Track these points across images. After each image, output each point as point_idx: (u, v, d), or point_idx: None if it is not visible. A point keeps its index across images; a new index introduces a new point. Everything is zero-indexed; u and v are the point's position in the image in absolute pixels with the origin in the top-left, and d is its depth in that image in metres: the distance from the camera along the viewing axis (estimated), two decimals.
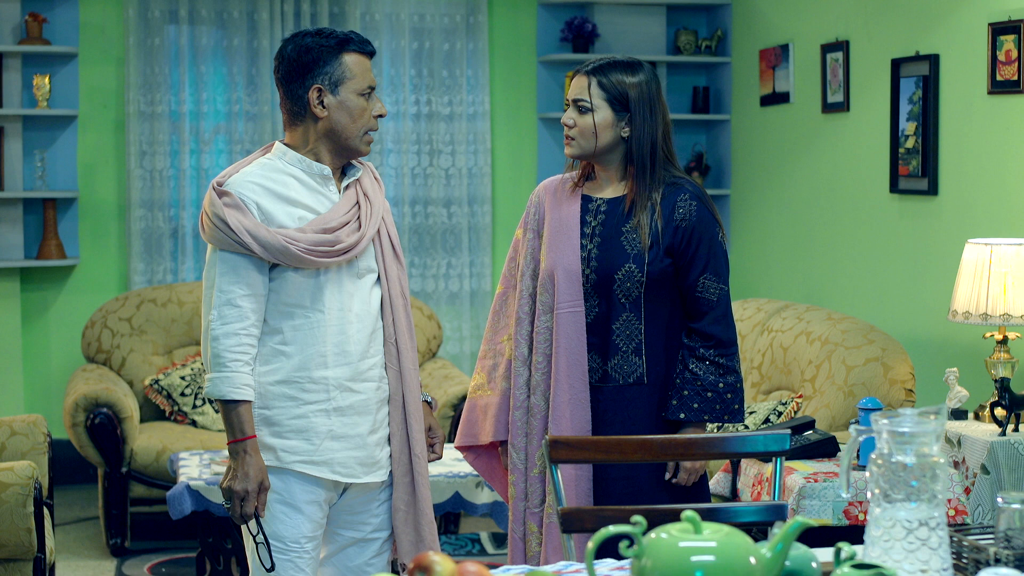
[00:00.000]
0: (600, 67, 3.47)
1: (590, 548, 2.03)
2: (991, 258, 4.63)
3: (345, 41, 3.22)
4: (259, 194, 3.17)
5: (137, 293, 6.56)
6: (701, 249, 3.44)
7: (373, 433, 3.29)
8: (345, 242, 3.19)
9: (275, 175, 3.22)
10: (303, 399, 3.21)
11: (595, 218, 3.50)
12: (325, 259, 3.17)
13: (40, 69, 6.73)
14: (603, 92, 3.45)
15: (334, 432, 3.23)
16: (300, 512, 3.22)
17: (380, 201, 3.33)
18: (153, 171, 6.90)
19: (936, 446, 2.12)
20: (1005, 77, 5.05)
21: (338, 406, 3.23)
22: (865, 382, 5.05)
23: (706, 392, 3.42)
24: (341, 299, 3.23)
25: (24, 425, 4.70)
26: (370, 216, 3.27)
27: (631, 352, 3.45)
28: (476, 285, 7.35)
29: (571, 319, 3.45)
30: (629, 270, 3.42)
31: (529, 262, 3.59)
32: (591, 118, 3.45)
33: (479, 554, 5.79)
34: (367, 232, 3.25)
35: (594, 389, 3.47)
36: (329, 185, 3.27)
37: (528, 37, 7.42)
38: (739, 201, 7.30)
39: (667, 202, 3.43)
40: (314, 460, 3.22)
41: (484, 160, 7.33)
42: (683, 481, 3.46)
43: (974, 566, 2.35)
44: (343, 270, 3.24)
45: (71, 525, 6.27)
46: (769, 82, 6.89)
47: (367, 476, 3.29)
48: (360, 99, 3.23)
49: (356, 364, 3.25)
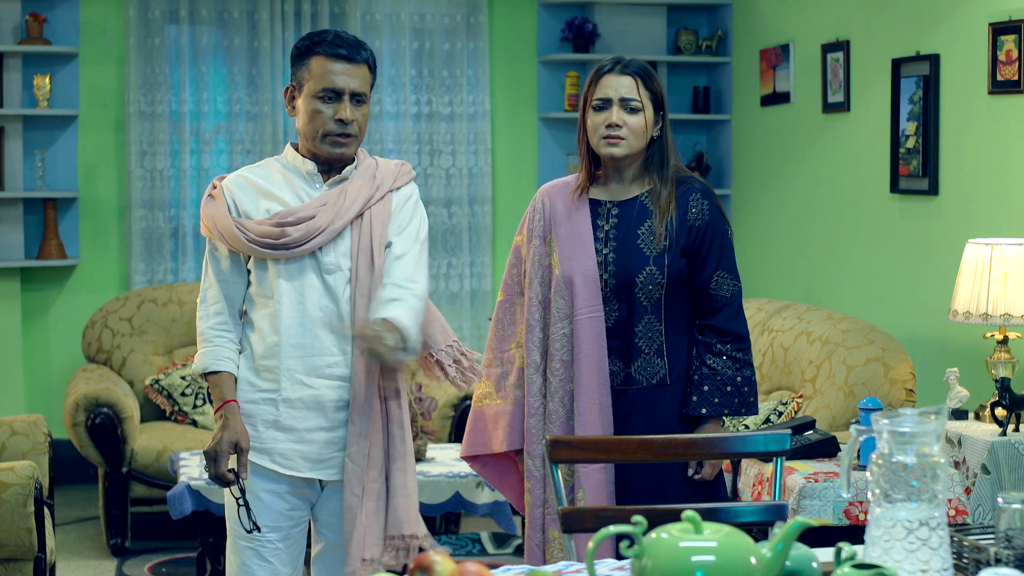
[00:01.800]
0: (643, 68, 3.51)
1: (590, 548, 2.03)
2: (991, 258, 4.63)
3: (317, 43, 3.26)
4: (240, 187, 3.31)
5: (137, 293, 6.55)
6: (714, 246, 3.47)
7: (326, 431, 3.28)
8: (291, 236, 3.21)
9: (266, 171, 3.35)
10: (257, 386, 3.29)
11: (607, 222, 3.51)
12: (270, 251, 3.23)
13: (40, 69, 6.73)
14: (649, 93, 3.49)
15: (279, 423, 3.27)
16: (259, 500, 3.27)
17: (359, 203, 3.27)
18: (153, 171, 6.90)
19: (937, 446, 2.12)
20: (1005, 77, 5.05)
21: (287, 397, 3.26)
22: (865, 382, 5.05)
23: (725, 387, 3.46)
24: (300, 292, 3.25)
25: (24, 425, 4.70)
26: (339, 216, 3.25)
27: (653, 353, 3.47)
28: (476, 285, 7.35)
29: (591, 324, 3.46)
30: (650, 272, 3.44)
31: (537, 269, 3.57)
32: (642, 117, 3.47)
33: (479, 554, 5.79)
34: (324, 229, 3.23)
35: (617, 392, 3.48)
36: (315, 183, 3.32)
37: (528, 37, 7.42)
38: (740, 201, 7.30)
39: (680, 201, 3.46)
40: (255, 447, 3.28)
41: (484, 160, 7.32)
42: (707, 476, 3.49)
43: (974, 566, 2.35)
44: (306, 265, 3.26)
45: (71, 525, 6.27)
46: (769, 82, 6.89)
47: (310, 472, 3.29)
48: (315, 101, 3.25)
49: (311, 359, 3.25)
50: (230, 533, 3.33)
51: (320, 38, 3.27)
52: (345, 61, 3.24)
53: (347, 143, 3.27)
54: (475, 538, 6.00)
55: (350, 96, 3.25)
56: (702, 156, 7.47)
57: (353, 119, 3.25)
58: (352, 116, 3.25)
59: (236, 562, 3.32)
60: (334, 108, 3.24)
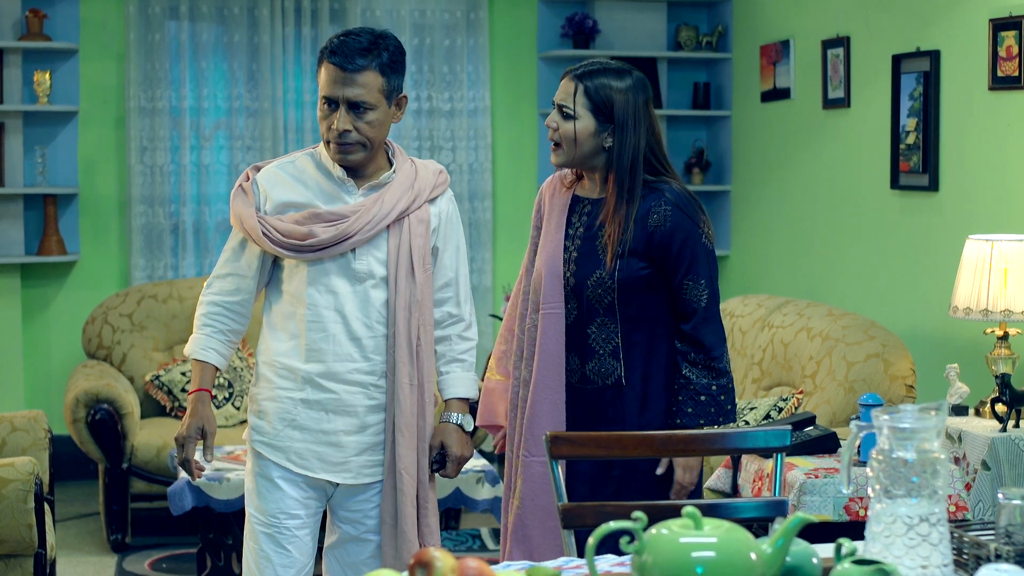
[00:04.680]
0: (588, 72, 3.41)
1: (591, 544, 2.03)
2: (992, 254, 4.63)
3: (325, 48, 3.26)
4: (273, 183, 3.31)
5: (138, 289, 6.55)
6: (683, 253, 3.37)
7: (353, 435, 3.30)
8: (320, 236, 3.21)
9: (300, 168, 3.34)
10: (277, 384, 3.31)
11: (580, 219, 3.48)
12: (295, 253, 3.24)
13: (41, 65, 6.72)
14: (587, 100, 3.38)
15: (297, 422, 3.30)
16: (277, 487, 3.30)
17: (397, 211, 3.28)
18: (154, 167, 6.90)
19: (937, 442, 2.12)
20: (1006, 73, 5.05)
21: (306, 399, 3.29)
22: (866, 378, 5.05)
23: (699, 396, 3.39)
24: (329, 298, 3.27)
25: (25, 421, 4.70)
26: (374, 222, 3.25)
27: (608, 355, 3.42)
28: (477, 280, 7.35)
29: (552, 320, 3.44)
30: (600, 277, 3.39)
31: (529, 259, 3.59)
32: (573, 125, 3.39)
33: (480, 550, 5.79)
34: (356, 233, 3.23)
35: (574, 390, 3.45)
36: (349, 188, 3.30)
37: (529, 33, 7.42)
38: (740, 197, 7.29)
39: (642, 207, 3.38)
40: (272, 444, 3.31)
41: (485, 156, 7.33)
42: (676, 496, 3.41)
43: (975, 562, 2.35)
44: (337, 270, 3.27)
45: (72, 521, 6.27)
46: (770, 78, 6.88)
47: (326, 474, 3.31)
48: (322, 109, 3.26)
49: (331, 364, 3.27)
50: (248, 520, 3.36)
51: (328, 44, 3.25)
52: (340, 70, 3.21)
53: (350, 151, 3.24)
54: (475, 534, 6.00)
55: (348, 105, 3.21)
56: (702, 152, 7.47)
57: (348, 128, 3.20)
58: (344, 126, 3.20)
59: (254, 548, 3.33)
60: (332, 117, 3.23)
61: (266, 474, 3.32)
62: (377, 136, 3.26)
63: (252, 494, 3.35)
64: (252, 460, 3.36)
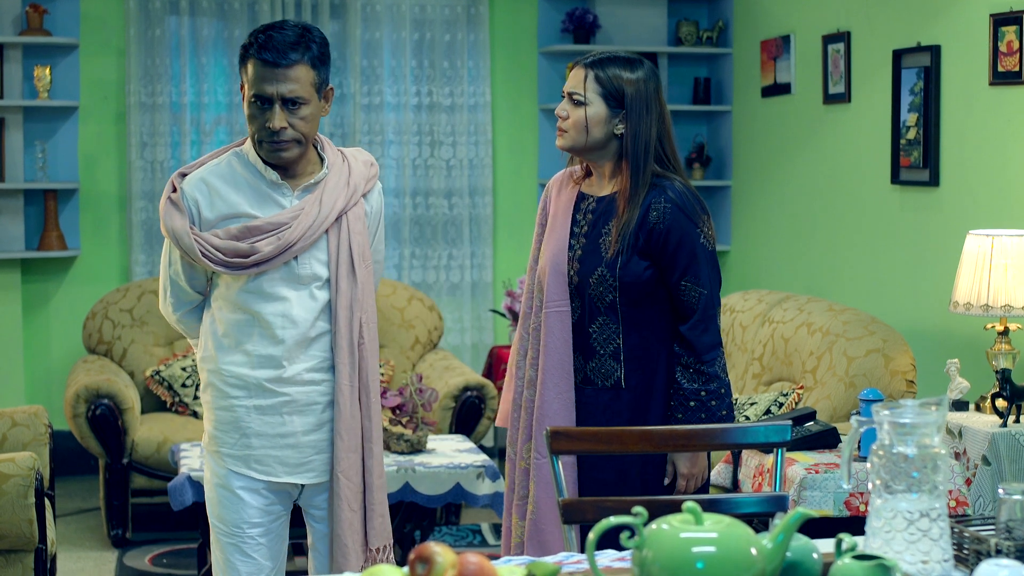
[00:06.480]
0: (598, 61, 3.40)
1: (591, 539, 2.03)
2: (992, 249, 4.63)
3: (250, 46, 3.16)
4: (203, 193, 3.21)
5: (138, 284, 6.56)
6: (679, 253, 3.34)
7: (311, 434, 3.28)
8: (262, 252, 3.15)
9: (229, 171, 3.24)
10: (228, 393, 3.26)
11: (584, 217, 3.45)
12: (240, 271, 3.18)
13: (41, 60, 6.72)
14: (599, 87, 3.37)
15: (253, 429, 3.25)
16: (238, 498, 3.27)
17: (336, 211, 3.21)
18: (154, 162, 6.90)
19: (937, 437, 2.12)
20: (1006, 68, 5.04)
21: (259, 405, 3.25)
22: (866, 373, 5.05)
23: (689, 401, 3.36)
24: (275, 305, 3.21)
25: (25, 416, 4.70)
26: (315, 227, 3.19)
27: (608, 356, 3.39)
28: (477, 276, 7.35)
29: (558, 318, 3.41)
30: (602, 274, 3.36)
31: (535, 257, 3.57)
32: (584, 112, 3.37)
33: (480, 545, 5.79)
34: (298, 241, 3.17)
35: (578, 389, 3.43)
36: (281, 189, 3.23)
37: (529, 28, 7.41)
38: (740, 192, 7.29)
39: (643, 203, 3.35)
40: (232, 454, 3.27)
41: (485, 151, 7.32)
42: (682, 489, 3.40)
43: (975, 557, 2.35)
44: (280, 277, 3.21)
45: (72, 516, 6.28)
46: (770, 73, 6.88)
47: (288, 476, 3.28)
48: (250, 107, 3.17)
49: (280, 368, 3.23)
50: (213, 529, 3.32)
51: (252, 40, 3.15)
52: (273, 66, 3.11)
53: (285, 148, 3.16)
54: (476, 529, 6.00)
55: (282, 102, 3.12)
56: (703, 147, 7.47)
57: (284, 126, 3.13)
58: (281, 124, 3.12)
59: (220, 557, 3.31)
60: (266, 115, 3.14)
61: (226, 484, 3.27)
62: (310, 131, 3.19)
63: (213, 503, 3.30)
64: (211, 468, 3.31)
